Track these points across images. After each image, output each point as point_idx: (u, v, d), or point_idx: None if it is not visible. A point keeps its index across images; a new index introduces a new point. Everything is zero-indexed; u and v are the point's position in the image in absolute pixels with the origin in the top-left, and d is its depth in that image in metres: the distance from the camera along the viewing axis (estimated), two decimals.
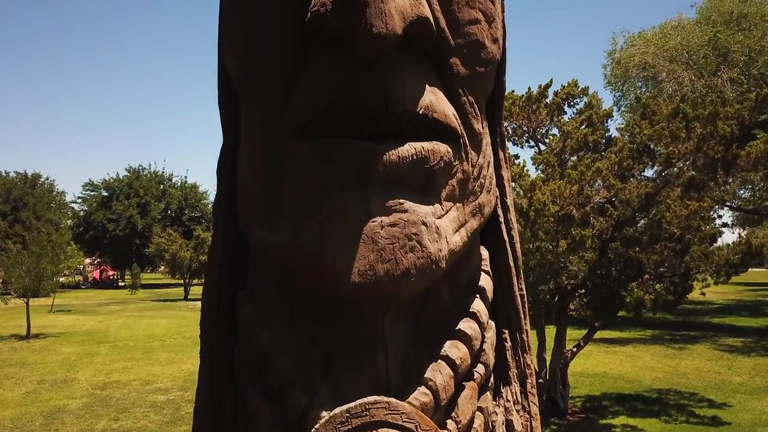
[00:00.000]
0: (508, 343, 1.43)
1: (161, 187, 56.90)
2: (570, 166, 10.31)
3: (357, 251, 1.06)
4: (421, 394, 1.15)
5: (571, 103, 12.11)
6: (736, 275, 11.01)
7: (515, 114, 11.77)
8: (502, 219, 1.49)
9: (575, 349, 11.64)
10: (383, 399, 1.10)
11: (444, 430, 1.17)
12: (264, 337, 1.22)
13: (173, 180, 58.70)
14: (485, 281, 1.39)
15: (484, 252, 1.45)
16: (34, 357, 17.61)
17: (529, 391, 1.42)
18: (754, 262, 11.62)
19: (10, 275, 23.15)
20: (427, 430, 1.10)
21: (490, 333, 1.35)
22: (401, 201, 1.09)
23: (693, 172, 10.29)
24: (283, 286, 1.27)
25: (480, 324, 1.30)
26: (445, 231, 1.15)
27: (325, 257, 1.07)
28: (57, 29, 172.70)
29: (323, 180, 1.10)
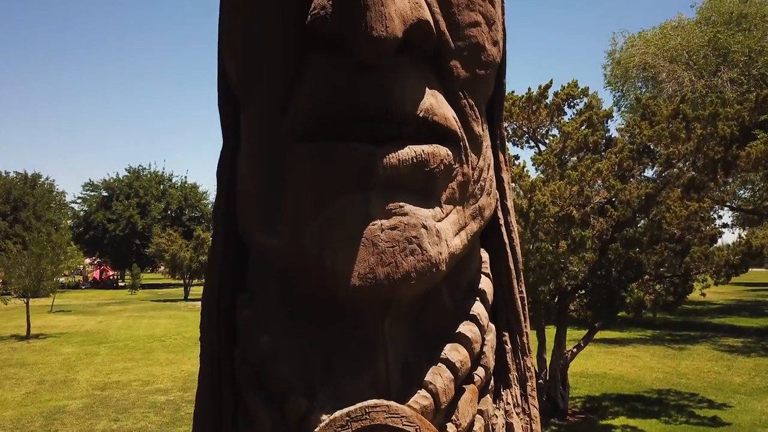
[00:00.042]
0: (509, 346, 1.43)
1: (161, 187, 56.89)
2: (570, 166, 10.31)
3: (357, 254, 1.06)
4: (422, 398, 1.15)
5: (571, 103, 12.11)
6: (736, 276, 11.01)
7: (515, 114, 11.76)
8: (502, 221, 1.49)
9: (575, 349, 11.64)
10: (383, 402, 1.10)
11: None
12: (264, 341, 1.21)
13: (173, 180, 58.75)
14: (485, 284, 1.39)
15: (485, 254, 1.45)
16: (34, 357, 17.60)
17: (530, 394, 1.42)
18: (754, 262, 11.61)
19: (10, 275, 23.13)
20: None
21: (491, 336, 1.34)
22: (401, 204, 1.09)
23: (693, 172, 10.29)
24: (283, 290, 1.27)
25: (480, 327, 1.29)
26: (446, 234, 1.14)
27: (325, 260, 1.07)
28: (57, 29, 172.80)
29: (323, 183, 1.10)
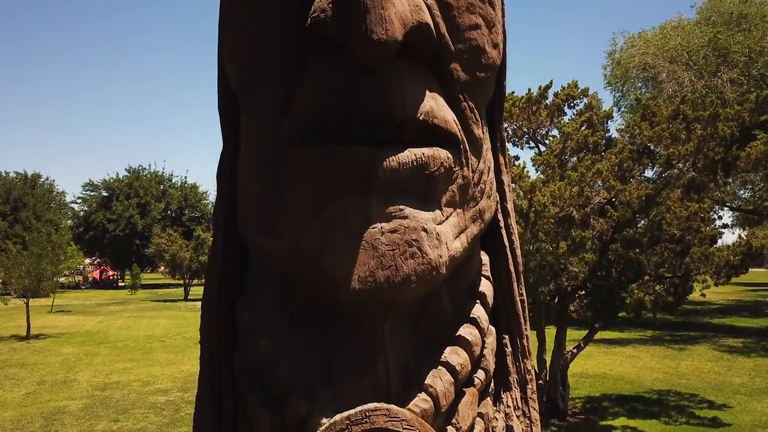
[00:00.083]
0: (509, 349, 1.42)
1: (161, 187, 56.90)
2: (570, 167, 10.31)
3: (357, 257, 1.06)
4: (422, 401, 1.14)
5: (571, 104, 12.11)
6: (736, 276, 11.01)
7: (515, 115, 11.76)
8: (502, 224, 1.48)
9: (575, 350, 11.63)
10: (383, 406, 1.10)
11: None
12: (264, 344, 1.21)
13: (173, 180, 58.78)
14: (485, 286, 1.38)
15: (485, 257, 1.45)
16: (34, 358, 17.60)
17: (530, 397, 1.42)
18: (754, 262, 11.61)
19: (10, 276, 23.12)
20: None
21: (491, 338, 1.34)
22: (401, 207, 1.09)
23: (693, 173, 10.28)
24: (282, 292, 1.26)
25: (480, 330, 1.29)
26: (446, 237, 1.14)
27: (325, 263, 1.07)
28: (57, 29, 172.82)
29: (323, 186, 1.10)
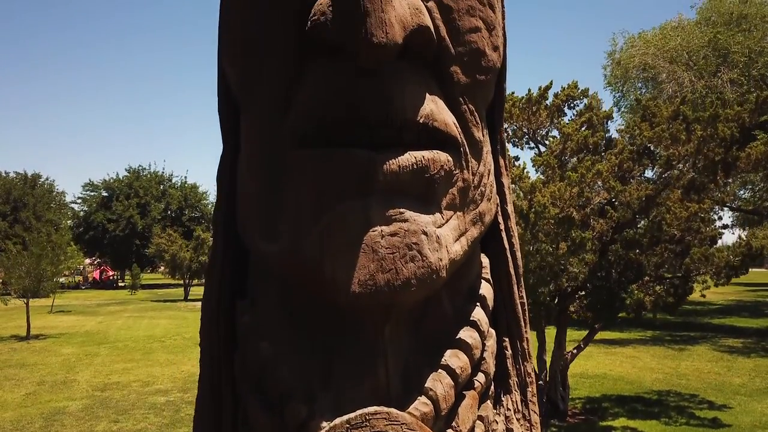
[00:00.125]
0: (509, 351, 1.42)
1: (161, 187, 56.91)
2: (570, 168, 10.31)
3: (357, 261, 1.06)
4: (422, 404, 1.14)
5: (571, 104, 12.10)
6: (736, 277, 11.01)
7: (515, 116, 11.75)
8: (502, 227, 1.48)
9: (575, 350, 11.63)
10: (383, 409, 1.10)
11: None
12: (264, 347, 1.21)
13: (173, 180, 58.79)
14: (486, 289, 1.38)
15: (485, 260, 1.45)
16: (34, 358, 17.59)
17: (530, 400, 1.42)
18: (754, 263, 11.60)
19: (10, 276, 23.11)
20: None
21: (491, 341, 1.34)
22: (401, 210, 1.09)
23: (693, 174, 10.28)
24: (282, 295, 1.26)
25: (480, 333, 1.29)
26: (446, 240, 1.14)
27: (325, 267, 1.07)
28: (57, 29, 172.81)
29: (323, 189, 1.10)
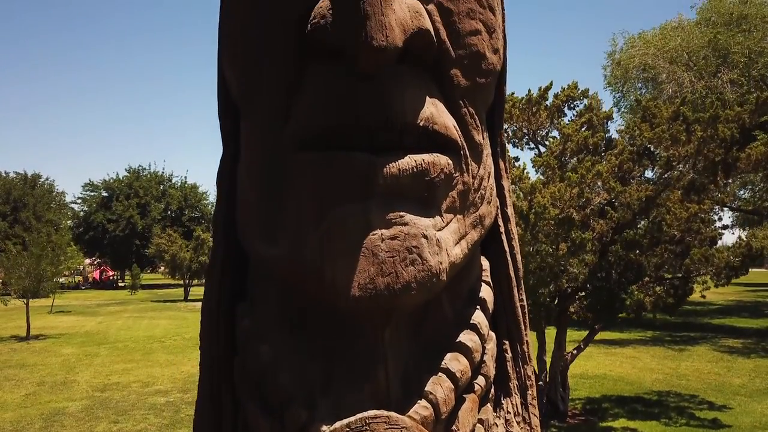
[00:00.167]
0: (509, 354, 1.42)
1: (161, 187, 56.91)
2: (570, 168, 10.30)
3: (357, 264, 1.06)
4: (422, 408, 1.14)
5: (571, 105, 12.10)
6: (736, 278, 11.01)
7: (515, 116, 11.75)
8: (502, 229, 1.48)
9: (575, 351, 11.62)
10: (383, 413, 1.10)
11: None
12: (264, 351, 1.21)
13: (173, 180, 58.80)
14: (486, 292, 1.38)
15: (485, 262, 1.45)
16: (34, 358, 17.59)
17: (530, 403, 1.42)
18: (754, 263, 11.60)
19: (10, 276, 23.10)
20: None
21: (491, 344, 1.34)
22: (402, 214, 1.09)
23: (693, 174, 10.28)
24: (282, 299, 1.26)
25: (480, 336, 1.29)
26: (446, 243, 1.14)
27: (325, 270, 1.07)
28: (57, 29, 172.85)
29: (323, 193, 1.09)
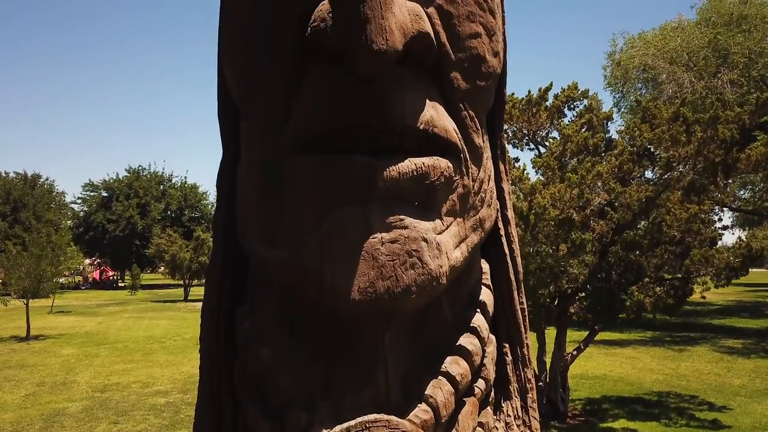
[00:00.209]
0: (509, 357, 1.42)
1: (161, 187, 56.91)
2: (570, 169, 10.30)
3: (357, 268, 1.06)
4: (422, 412, 1.14)
5: (571, 106, 12.09)
6: (736, 278, 11.01)
7: (515, 117, 11.74)
8: (502, 232, 1.48)
9: (575, 352, 11.61)
10: (383, 417, 1.10)
11: None
12: (264, 354, 1.21)
13: (173, 180, 58.80)
14: (486, 295, 1.38)
15: (485, 265, 1.44)
16: (34, 359, 17.58)
17: (530, 406, 1.42)
18: (754, 263, 11.59)
19: (10, 277, 23.07)
20: None
21: (491, 347, 1.34)
22: (401, 217, 1.09)
23: (693, 175, 10.28)
24: (283, 302, 1.26)
25: (481, 339, 1.29)
26: (446, 247, 1.14)
27: (325, 274, 1.07)
28: (57, 29, 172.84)
29: (323, 195, 1.09)
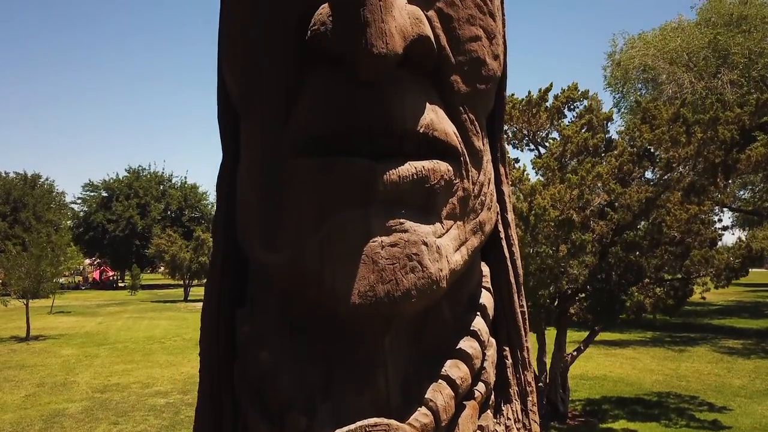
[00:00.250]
0: (509, 361, 1.42)
1: (161, 187, 56.91)
2: (570, 170, 10.29)
3: (357, 271, 1.05)
4: (422, 415, 1.14)
5: (571, 106, 12.09)
6: (736, 279, 11.00)
7: (515, 117, 11.74)
8: (502, 235, 1.48)
9: (575, 352, 11.60)
10: (383, 421, 1.09)
11: None
12: (264, 357, 1.21)
13: (173, 180, 58.81)
14: (486, 298, 1.38)
15: (485, 268, 1.44)
16: (34, 359, 17.57)
17: (530, 409, 1.41)
18: (754, 264, 11.59)
19: (10, 277, 23.06)
20: None
21: (491, 351, 1.34)
22: (402, 220, 1.08)
23: (693, 176, 10.28)
24: (282, 304, 1.26)
25: (481, 342, 1.29)
26: (446, 250, 1.14)
27: (325, 277, 1.07)
28: (57, 29, 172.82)
29: (323, 198, 1.09)
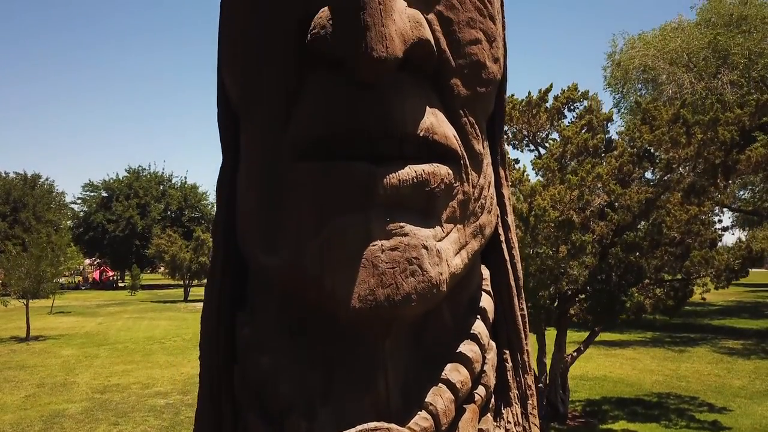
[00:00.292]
0: (509, 364, 1.42)
1: (161, 187, 56.93)
2: (570, 171, 10.29)
3: (357, 275, 1.05)
4: (422, 419, 1.14)
5: (571, 107, 12.08)
6: (736, 280, 11.00)
7: (515, 118, 11.73)
8: (503, 238, 1.48)
9: (575, 353, 11.61)
10: (383, 425, 1.09)
11: None
12: (264, 361, 1.20)
13: (173, 180, 58.85)
14: (486, 301, 1.38)
15: (485, 271, 1.44)
16: (34, 360, 17.58)
17: (530, 412, 1.41)
18: (754, 264, 11.59)
19: (10, 277, 23.06)
20: None
21: (491, 354, 1.34)
22: (402, 224, 1.08)
23: (693, 177, 10.27)
24: (282, 308, 1.26)
25: (481, 346, 1.29)
26: (446, 254, 1.14)
27: (325, 281, 1.07)
28: (57, 29, 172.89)
29: (323, 202, 1.09)
